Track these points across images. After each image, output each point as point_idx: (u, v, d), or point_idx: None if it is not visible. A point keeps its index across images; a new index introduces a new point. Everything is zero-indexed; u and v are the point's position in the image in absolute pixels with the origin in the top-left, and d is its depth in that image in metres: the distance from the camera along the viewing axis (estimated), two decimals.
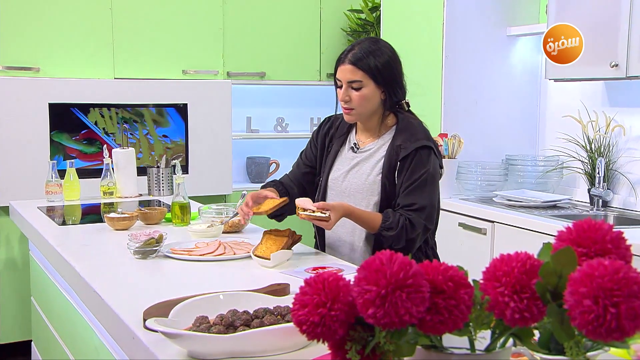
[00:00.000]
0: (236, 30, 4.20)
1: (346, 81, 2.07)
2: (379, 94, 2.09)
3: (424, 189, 2.04)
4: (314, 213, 1.94)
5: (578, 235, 0.85)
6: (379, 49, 2.08)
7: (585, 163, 3.22)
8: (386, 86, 2.08)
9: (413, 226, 2.01)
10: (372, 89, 2.07)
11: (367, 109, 2.10)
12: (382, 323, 0.79)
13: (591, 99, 3.29)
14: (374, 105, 2.10)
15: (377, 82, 2.07)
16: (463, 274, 0.85)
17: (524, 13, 3.58)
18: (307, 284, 0.86)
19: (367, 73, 2.05)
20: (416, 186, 2.04)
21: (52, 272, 2.51)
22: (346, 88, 2.08)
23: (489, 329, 0.86)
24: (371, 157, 2.14)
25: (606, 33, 2.85)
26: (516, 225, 2.90)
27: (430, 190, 2.06)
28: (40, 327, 2.98)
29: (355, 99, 2.07)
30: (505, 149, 3.61)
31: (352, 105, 2.08)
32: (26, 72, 3.71)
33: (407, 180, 2.04)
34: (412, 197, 2.03)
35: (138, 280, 1.86)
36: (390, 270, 0.80)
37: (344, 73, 2.07)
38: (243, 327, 1.27)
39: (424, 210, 2.03)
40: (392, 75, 2.09)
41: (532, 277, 0.81)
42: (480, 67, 3.55)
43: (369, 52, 2.06)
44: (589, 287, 0.73)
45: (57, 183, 3.09)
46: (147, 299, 1.51)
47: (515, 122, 3.65)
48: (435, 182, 2.09)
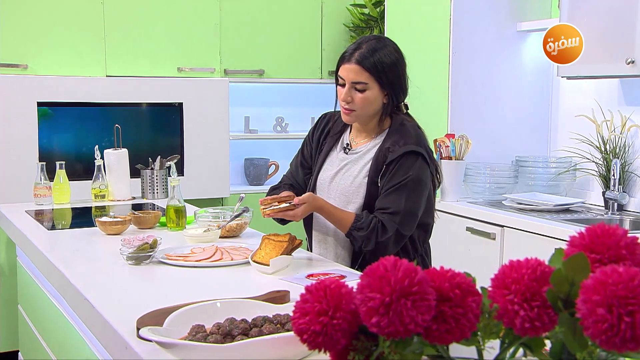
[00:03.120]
0: (233, 26, 4.21)
1: (350, 81, 2.07)
2: (382, 98, 2.10)
3: (402, 194, 2.05)
4: (279, 205, 2.00)
5: (591, 240, 0.85)
6: (387, 50, 2.09)
7: (600, 165, 3.22)
8: (390, 90, 2.10)
9: (384, 229, 2.03)
10: (377, 92, 2.08)
11: (368, 112, 2.12)
12: (386, 332, 0.80)
13: (606, 97, 3.30)
14: (375, 108, 2.12)
15: (382, 86, 2.08)
16: (471, 281, 0.85)
17: (535, 8, 3.59)
18: (308, 291, 0.86)
19: (373, 75, 2.06)
20: (394, 190, 2.06)
21: (41, 279, 2.52)
22: (349, 88, 2.08)
23: (498, 338, 0.87)
24: (360, 159, 2.18)
25: (622, 28, 2.86)
26: (526, 229, 2.90)
27: (409, 196, 2.06)
28: (28, 337, 2.98)
29: (358, 101, 2.08)
30: (515, 149, 3.61)
31: (354, 107, 2.09)
32: (13, 69, 3.71)
33: (387, 184, 2.08)
34: (387, 201, 2.06)
35: (131, 288, 1.86)
36: (394, 277, 0.80)
37: (348, 72, 2.08)
38: (241, 336, 1.28)
39: (397, 215, 2.05)
40: (397, 79, 2.10)
41: (543, 285, 0.82)
42: (489, 64, 3.56)
43: (376, 52, 2.06)
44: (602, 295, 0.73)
45: (46, 185, 3.09)
46: (140, 306, 1.51)
47: (525, 122, 3.65)
48: (418, 189, 2.08)
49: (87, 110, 3.85)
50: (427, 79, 3.59)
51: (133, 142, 3.88)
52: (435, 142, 3.37)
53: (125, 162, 3.25)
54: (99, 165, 3.17)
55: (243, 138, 4.40)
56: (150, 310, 1.47)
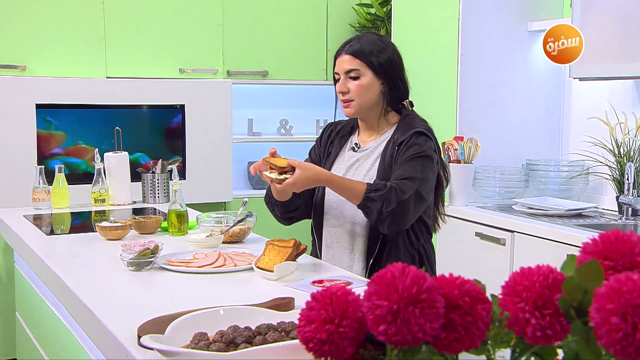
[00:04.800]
0: (237, 26, 4.22)
1: (343, 72, 2.18)
2: (378, 85, 2.18)
3: (417, 164, 2.09)
4: (279, 176, 2.00)
5: (605, 247, 0.85)
6: (374, 37, 2.21)
7: (614, 168, 3.22)
8: (385, 77, 2.18)
9: (403, 190, 2.03)
10: (371, 78, 2.16)
11: (366, 100, 2.18)
12: (394, 341, 0.80)
13: (620, 98, 3.29)
14: (373, 96, 2.18)
15: (376, 72, 2.16)
16: (480, 288, 0.85)
17: (547, 7, 3.59)
18: (313, 298, 0.86)
19: (364, 62, 2.15)
20: (407, 161, 2.09)
21: (39, 285, 2.52)
22: (344, 79, 2.18)
23: (509, 347, 0.87)
24: (371, 154, 2.22)
25: (636, 28, 2.85)
26: (538, 235, 2.89)
27: (424, 166, 2.09)
28: (26, 345, 2.98)
29: (353, 89, 2.16)
30: (525, 153, 3.60)
31: (351, 96, 2.17)
32: (11, 70, 3.73)
33: (400, 159, 2.11)
34: (401, 170, 2.09)
35: (132, 294, 1.86)
36: (402, 284, 0.80)
37: (341, 64, 2.19)
38: (245, 344, 1.28)
39: (414, 180, 2.06)
40: (392, 66, 2.18)
41: (555, 292, 0.81)
42: (499, 65, 3.55)
43: (367, 42, 2.18)
44: (616, 303, 0.73)
45: (44, 189, 3.10)
46: (141, 314, 1.52)
47: (536, 124, 3.65)
48: (430, 164, 2.12)
49: (86, 112, 3.87)
50: (435, 80, 3.59)
51: (134, 145, 3.90)
52: (444, 145, 3.37)
53: (126, 166, 3.25)
54: (99, 168, 3.17)
55: (246, 141, 4.40)
56: (151, 318, 1.47)
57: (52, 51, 3.82)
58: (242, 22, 4.24)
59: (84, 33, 3.87)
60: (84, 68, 3.88)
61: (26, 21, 3.75)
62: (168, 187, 3.28)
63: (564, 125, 3.67)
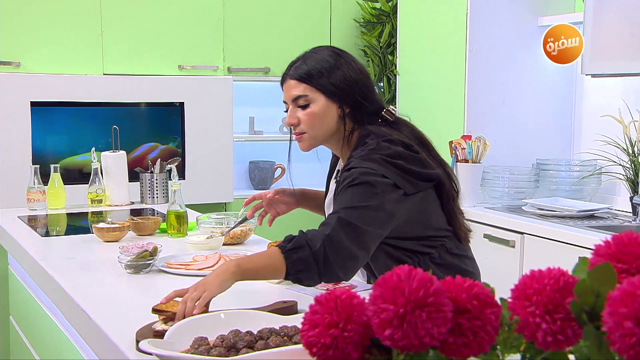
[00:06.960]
0: (238, 22, 4.22)
1: (290, 100, 1.91)
2: (334, 109, 1.90)
3: (344, 196, 1.77)
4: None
5: (618, 249, 0.85)
6: (320, 54, 1.93)
7: (627, 168, 3.21)
8: (342, 99, 1.89)
9: (323, 224, 1.73)
10: (323, 104, 1.89)
11: (322, 130, 1.91)
12: (400, 345, 0.80)
13: (634, 96, 3.29)
14: (329, 123, 1.91)
15: (328, 95, 1.89)
16: (489, 292, 0.85)
17: (558, 1, 3.58)
18: (317, 302, 0.86)
19: (313, 85, 1.88)
20: (338, 197, 1.82)
21: (34, 288, 2.53)
22: (292, 108, 1.91)
23: (519, 352, 0.87)
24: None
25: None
26: (548, 237, 2.89)
27: (353, 194, 1.75)
28: (20, 350, 2.99)
29: (304, 119, 1.90)
30: (536, 152, 3.60)
31: (303, 128, 1.91)
32: (5, 67, 3.73)
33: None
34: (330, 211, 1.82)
35: (130, 298, 1.87)
36: (409, 287, 0.80)
37: (287, 91, 1.92)
38: (246, 349, 1.28)
39: (335, 212, 1.74)
40: (349, 85, 1.89)
41: (566, 296, 0.81)
42: (508, 61, 3.55)
43: (314, 61, 1.90)
44: (630, 307, 0.73)
45: (39, 190, 3.11)
46: (140, 318, 1.52)
47: (547, 123, 3.64)
48: (364, 190, 1.75)
49: (83, 111, 3.87)
50: (442, 77, 3.59)
51: (132, 144, 3.90)
52: (451, 144, 3.37)
53: (124, 165, 3.26)
54: (96, 168, 3.18)
55: (247, 140, 4.41)
56: (150, 322, 1.47)
57: (48, 47, 3.82)
58: (244, 17, 4.24)
59: (81, 28, 3.87)
60: (80, 65, 3.88)
61: (21, 16, 3.76)
62: (167, 188, 3.28)
63: (575, 123, 3.66)
